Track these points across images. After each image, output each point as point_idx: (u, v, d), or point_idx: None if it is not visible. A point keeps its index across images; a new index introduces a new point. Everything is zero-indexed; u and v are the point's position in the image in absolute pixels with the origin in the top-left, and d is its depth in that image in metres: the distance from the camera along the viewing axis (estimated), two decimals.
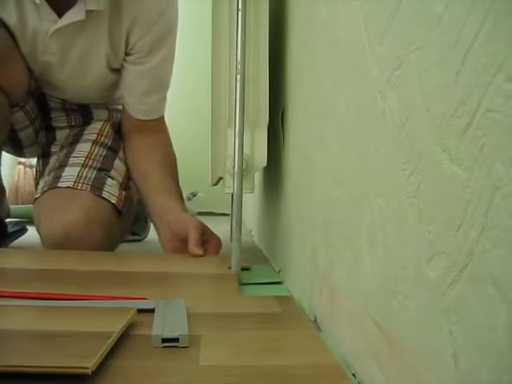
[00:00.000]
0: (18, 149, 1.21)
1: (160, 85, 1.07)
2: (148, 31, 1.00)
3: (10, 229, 1.21)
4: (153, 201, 1.04)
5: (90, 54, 1.02)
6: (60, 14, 0.95)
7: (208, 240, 0.96)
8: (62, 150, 1.11)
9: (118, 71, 1.07)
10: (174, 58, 1.06)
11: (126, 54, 1.03)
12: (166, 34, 1.02)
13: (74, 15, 0.95)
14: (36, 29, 0.97)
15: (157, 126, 1.10)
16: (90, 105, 1.16)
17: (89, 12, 0.95)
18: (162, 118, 1.11)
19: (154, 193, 1.04)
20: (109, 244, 1.04)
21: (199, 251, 0.92)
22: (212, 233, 0.99)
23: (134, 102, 1.07)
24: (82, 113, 1.16)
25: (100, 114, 1.16)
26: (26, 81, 1.05)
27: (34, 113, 1.14)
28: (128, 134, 1.11)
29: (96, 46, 1.01)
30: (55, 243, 0.97)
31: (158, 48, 1.02)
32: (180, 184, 1.09)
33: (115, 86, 1.13)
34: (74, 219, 0.96)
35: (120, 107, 1.18)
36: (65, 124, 1.16)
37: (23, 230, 1.26)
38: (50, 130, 1.16)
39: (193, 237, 0.93)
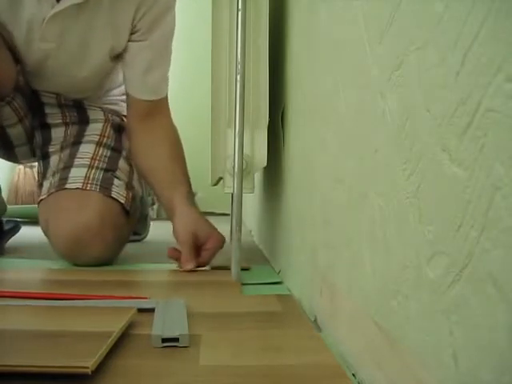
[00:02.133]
0: (8, 150, 1.19)
1: (161, 60, 1.05)
2: (149, 10, 0.99)
3: (5, 227, 1.20)
4: (161, 196, 1.05)
5: (91, 40, 1.00)
6: None
7: (205, 242, 0.95)
8: (63, 151, 1.10)
9: (116, 58, 1.06)
10: (173, 34, 1.06)
11: (131, 33, 1.02)
12: (165, 11, 1.02)
13: None
14: (33, 14, 0.95)
15: (162, 108, 1.07)
16: (85, 103, 1.16)
17: None
18: (165, 100, 1.09)
19: (161, 190, 1.05)
20: (118, 246, 1.04)
21: (189, 266, 0.92)
22: (209, 232, 0.96)
23: (136, 80, 1.05)
24: (77, 110, 1.15)
25: (95, 114, 1.15)
26: (14, 76, 1.04)
27: (23, 110, 1.13)
28: (133, 121, 1.09)
29: (97, 31, 0.99)
30: (66, 244, 0.96)
31: (158, 24, 1.01)
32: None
33: (107, 75, 1.13)
34: (88, 220, 0.96)
35: (113, 107, 1.18)
36: (60, 121, 1.15)
37: (17, 228, 1.25)
38: (45, 127, 1.16)
39: (183, 252, 0.93)
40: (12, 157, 1.24)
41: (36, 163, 1.21)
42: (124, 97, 1.16)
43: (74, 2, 0.93)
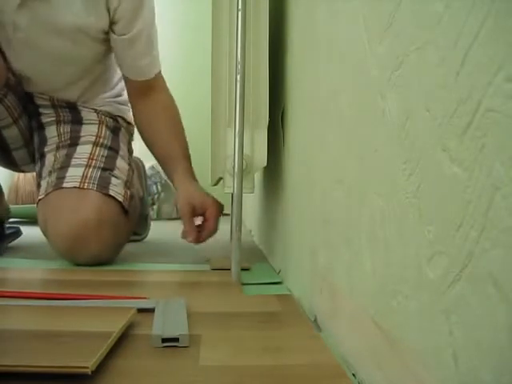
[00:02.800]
0: (6, 155, 1.19)
1: (147, 48, 1.08)
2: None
3: (6, 231, 1.20)
4: (164, 171, 1.14)
5: (58, 23, 1.00)
6: None
7: (204, 212, 1.01)
8: (58, 150, 1.10)
9: (102, 41, 1.07)
10: (154, 20, 1.08)
11: (112, 23, 1.03)
12: (140, 3, 1.03)
13: None
14: (3, 4, 0.95)
15: (156, 84, 1.12)
16: (78, 104, 1.16)
17: None
18: (160, 76, 1.13)
19: (162, 165, 1.13)
20: (117, 244, 1.04)
21: (189, 238, 0.98)
22: (204, 200, 1.01)
23: (127, 66, 1.09)
24: (70, 110, 1.15)
25: (89, 115, 1.16)
26: (4, 72, 1.04)
27: (17, 111, 1.13)
28: (132, 99, 1.14)
29: (65, 15, 0.99)
30: (65, 243, 0.96)
31: (137, 16, 1.03)
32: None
33: (97, 65, 1.13)
34: (86, 218, 0.96)
35: (106, 108, 1.18)
36: (53, 119, 1.15)
37: (18, 233, 1.25)
38: (41, 128, 1.16)
39: (184, 226, 0.99)
40: (10, 162, 1.23)
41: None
42: (117, 98, 1.20)
43: None
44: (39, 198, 1.05)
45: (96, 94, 1.18)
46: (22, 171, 1.32)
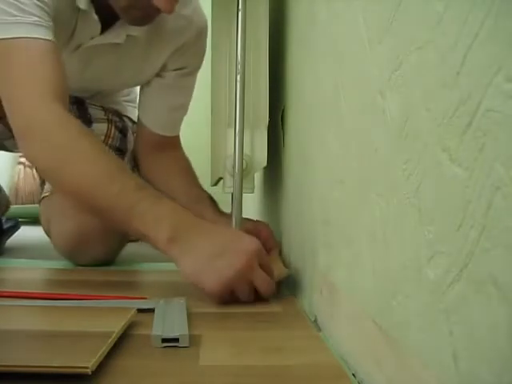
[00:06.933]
0: None
1: (184, 101, 1.09)
2: (184, 57, 1.03)
3: (4, 225, 1.20)
4: None
5: (109, 72, 1.02)
6: (102, 25, 0.94)
7: (259, 231, 0.89)
8: None
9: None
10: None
11: (161, 71, 1.05)
12: (200, 58, 1.06)
13: (114, 37, 0.95)
14: (71, 37, 0.95)
15: (173, 142, 1.11)
16: (86, 101, 1.15)
17: (127, 36, 0.96)
18: (178, 136, 1.13)
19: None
20: (118, 245, 1.04)
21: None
22: (256, 221, 0.94)
23: (157, 114, 1.08)
24: (77, 107, 1.15)
25: (97, 113, 1.15)
26: None
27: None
28: (145, 151, 1.11)
29: (118, 67, 1.01)
30: (69, 243, 0.96)
31: (191, 71, 1.06)
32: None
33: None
34: (91, 219, 0.96)
35: (115, 106, 1.18)
36: None
37: (17, 226, 1.25)
38: None
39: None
40: (2, 147, 1.22)
41: None
42: (125, 97, 1.19)
43: (113, 41, 0.95)
44: (43, 195, 1.05)
45: (109, 96, 1.18)
46: (14, 152, 1.32)
